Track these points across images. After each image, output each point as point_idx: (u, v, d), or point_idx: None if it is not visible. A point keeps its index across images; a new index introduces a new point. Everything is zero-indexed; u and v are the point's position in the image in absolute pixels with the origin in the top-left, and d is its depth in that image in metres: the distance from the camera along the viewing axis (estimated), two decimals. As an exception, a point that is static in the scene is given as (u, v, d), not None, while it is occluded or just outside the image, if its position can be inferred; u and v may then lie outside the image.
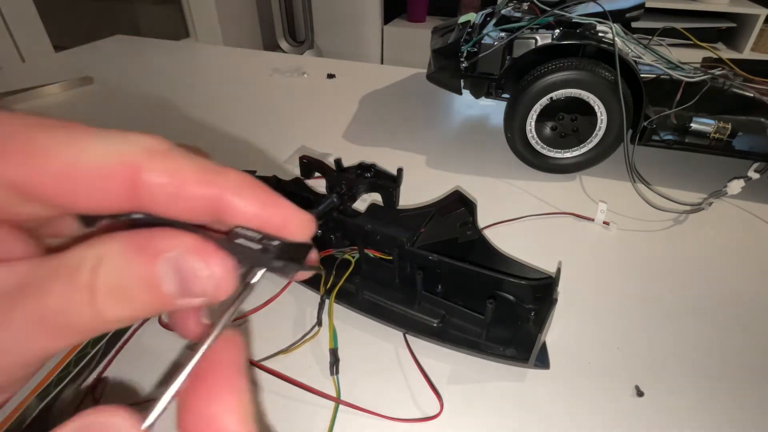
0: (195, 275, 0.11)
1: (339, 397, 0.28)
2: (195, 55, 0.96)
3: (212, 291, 0.11)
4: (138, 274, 0.11)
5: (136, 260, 0.11)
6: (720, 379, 0.29)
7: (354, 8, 1.97)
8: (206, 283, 0.11)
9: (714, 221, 0.44)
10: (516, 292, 0.32)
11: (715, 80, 0.49)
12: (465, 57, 0.50)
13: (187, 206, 0.12)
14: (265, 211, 0.13)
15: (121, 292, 0.10)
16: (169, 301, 0.11)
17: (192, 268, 0.11)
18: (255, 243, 0.12)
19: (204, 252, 0.11)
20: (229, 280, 0.11)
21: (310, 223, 0.13)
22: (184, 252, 0.11)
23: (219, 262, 0.11)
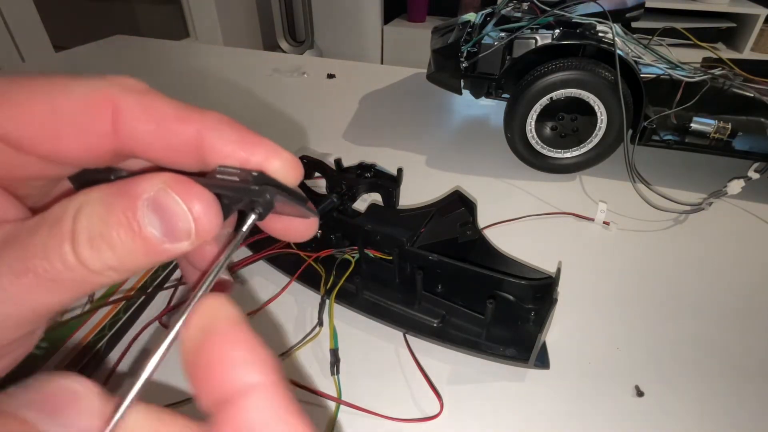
0: (175, 212, 0.10)
1: (340, 398, 0.28)
2: (195, 55, 0.96)
3: (196, 229, 0.11)
4: (117, 218, 0.10)
5: (115, 204, 0.10)
6: (720, 378, 0.30)
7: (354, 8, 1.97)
8: (188, 220, 0.10)
9: (714, 221, 0.44)
10: (516, 292, 0.32)
11: (715, 80, 0.49)
12: (465, 57, 0.50)
13: (168, 145, 0.12)
14: (245, 148, 0.12)
15: (102, 238, 0.10)
16: (154, 246, 0.10)
17: (171, 204, 0.10)
18: (235, 177, 0.12)
19: (181, 186, 0.10)
20: (210, 214, 0.11)
21: (294, 162, 0.13)
22: (161, 189, 0.10)
23: (197, 195, 0.11)
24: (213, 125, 0.12)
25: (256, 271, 0.37)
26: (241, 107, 0.68)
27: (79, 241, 0.10)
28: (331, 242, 0.36)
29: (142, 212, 0.10)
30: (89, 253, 0.10)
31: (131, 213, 0.10)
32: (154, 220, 0.10)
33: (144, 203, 0.10)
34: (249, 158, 0.12)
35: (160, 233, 0.10)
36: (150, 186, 0.10)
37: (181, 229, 0.10)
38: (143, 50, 0.95)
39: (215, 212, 0.11)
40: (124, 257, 0.10)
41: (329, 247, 0.36)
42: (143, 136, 0.12)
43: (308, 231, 0.15)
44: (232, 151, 0.12)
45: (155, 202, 0.10)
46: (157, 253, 0.11)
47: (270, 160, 0.12)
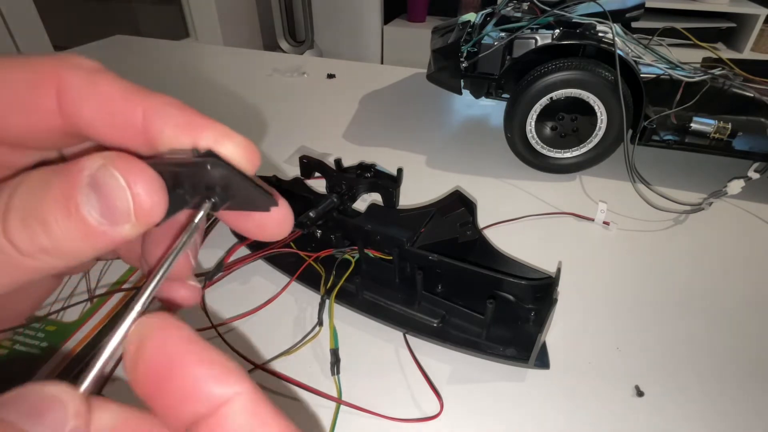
0: (115, 192, 0.10)
1: (340, 398, 0.28)
2: (195, 55, 0.96)
3: (137, 210, 0.10)
4: (54, 196, 0.09)
5: (53, 182, 0.10)
6: (720, 378, 0.30)
7: (354, 8, 1.97)
8: (126, 199, 0.10)
9: (714, 221, 0.44)
10: (516, 292, 0.32)
11: (715, 80, 0.49)
12: (465, 57, 0.50)
13: (114, 125, 0.11)
14: (192, 129, 0.11)
15: (35, 218, 0.09)
16: (92, 228, 0.10)
17: (111, 183, 0.10)
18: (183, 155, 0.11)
19: (124, 163, 0.10)
20: (154, 194, 0.10)
21: (248, 145, 0.12)
22: (101, 166, 0.10)
23: (140, 172, 0.10)
24: (159, 106, 0.12)
25: (256, 271, 0.37)
26: (241, 107, 0.68)
27: (9, 219, 0.09)
28: (331, 242, 0.36)
29: (79, 190, 0.09)
30: (20, 233, 0.09)
31: (68, 190, 0.10)
32: (93, 200, 0.10)
33: (83, 180, 0.10)
34: (196, 141, 0.11)
35: (98, 214, 0.10)
36: (91, 163, 0.10)
37: (120, 209, 0.10)
38: (143, 50, 0.95)
39: (158, 192, 0.10)
40: (58, 240, 0.10)
41: (329, 247, 0.36)
42: (88, 114, 0.11)
43: (282, 226, 0.14)
44: (178, 132, 0.11)
45: (95, 180, 0.10)
46: (96, 236, 0.10)
47: (221, 143, 0.12)
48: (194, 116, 0.12)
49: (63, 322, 0.30)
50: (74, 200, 0.09)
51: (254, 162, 0.12)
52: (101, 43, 0.98)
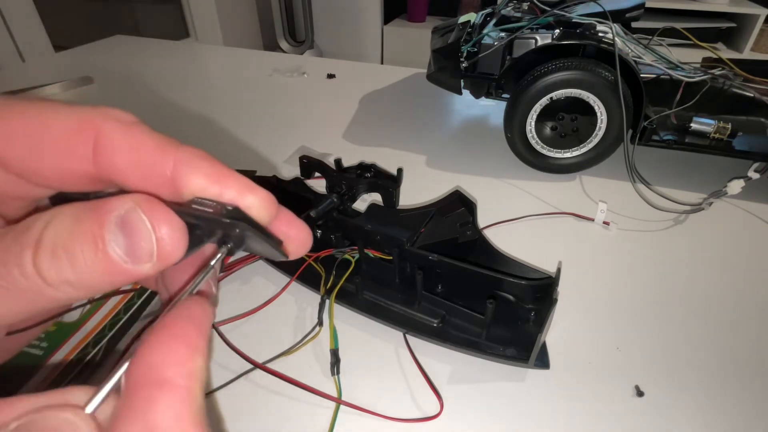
0: (141, 233, 0.10)
1: (340, 398, 0.28)
2: (195, 55, 0.96)
3: (159, 252, 0.11)
4: (83, 232, 0.10)
5: (84, 218, 0.10)
6: (720, 379, 0.30)
7: (354, 8, 1.97)
8: (150, 241, 0.10)
9: (714, 221, 0.44)
10: (516, 292, 0.32)
11: (715, 80, 0.49)
12: (465, 57, 0.50)
13: (145, 175, 0.12)
14: (218, 181, 0.12)
15: (64, 250, 0.10)
16: (115, 265, 0.10)
17: (138, 225, 0.10)
18: (209, 209, 0.12)
19: (151, 207, 0.11)
20: (175, 237, 0.11)
21: (268, 199, 0.13)
22: (131, 209, 0.10)
23: (166, 217, 0.11)
24: (189, 158, 0.12)
25: (256, 271, 0.37)
26: (241, 107, 0.68)
27: (41, 250, 0.10)
28: (331, 242, 0.36)
29: (108, 228, 0.10)
30: (48, 263, 0.10)
31: (98, 228, 0.10)
32: (120, 239, 0.10)
33: (112, 220, 0.10)
34: (222, 192, 0.12)
35: (123, 252, 0.10)
36: (121, 204, 0.10)
37: (144, 248, 0.10)
38: (143, 50, 0.95)
39: (180, 237, 0.11)
40: (82, 273, 0.10)
41: (329, 247, 0.36)
42: (121, 163, 0.12)
43: (303, 249, 0.15)
44: (205, 184, 0.12)
45: (124, 220, 0.10)
46: (117, 273, 0.10)
47: (244, 196, 0.12)
48: (221, 169, 0.13)
49: (63, 322, 0.30)
50: (102, 237, 0.10)
51: (272, 214, 0.13)
52: (101, 43, 0.98)
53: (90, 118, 0.12)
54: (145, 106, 0.69)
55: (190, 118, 0.65)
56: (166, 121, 0.64)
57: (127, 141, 0.12)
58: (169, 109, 0.68)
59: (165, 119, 0.65)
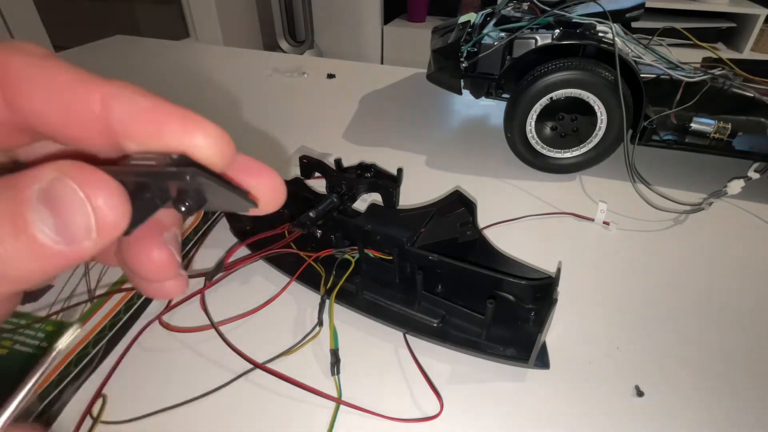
0: (72, 206, 0.09)
1: (340, 398, 0.28)
2: (195, 55, 0.96)
3: (99, 225, 0.09)
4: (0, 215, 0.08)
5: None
6: (720, 379, 0.30)
7: (354, 8, 1.97)
8: (86, 213, 0.09)
9: (714, 221, 0.44)
10: (516, 292, 0.32)
11: (715, 80, 0.49)
12: (465, 57, 0.50)
13: (70, 117, 0.10)
14: (158, 117, 0.10)
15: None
16: (46, 248, 0.08)
17: (67, 196, 0.08)
18: (152, 161, 0.10)
19: (81, 172, 0.09)
20: (117, 205, 0.09)
21: (222, 137, 0.11)
22: (56, 178, 0.08)
23: (99, 182, 0.09)
24: (119, 92, 0.10)
25: (256, 271, 0.37)
26: (241, 107, 0.68)
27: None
28: (331, 242, 0.36)
29: (28, 205, 0.08)
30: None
31: (16, 206, 0.08)
32: (46, 216, 0.08)
33: (33, 194, 0.08)
34: (162, 129, 0.10)
35: (52, 231, 0.08)
36: (42, 175, 0.09)
37: (79, 224, 0.09)
38: (143, 50, 0.95)
39: (120, 203, 0.09)
40: (6, 263, 0.08)
41: (329, 247, 0.36)
42: (39, 103, 0.10)
43: (276, 197, 0.13)
44: (141, 120, 0.10)
45: (48, 193, 0.08)
46: (50, 257, 0.09)
47: (190, 134, 0.10)
48: (159, 103, 0.10)
49: (63, 322, 0.30)
50: (23, 217, 0.08)
51: (229, 156, 0.11)
52: (101, 43, 0.98)
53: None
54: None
55: (190, 118, 0.65)
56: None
57: (42, 75, 0.10)
58: (169, 109, 0.68)
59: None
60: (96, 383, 0.28)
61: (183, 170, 0.10)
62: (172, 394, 0.28)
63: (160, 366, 0.30)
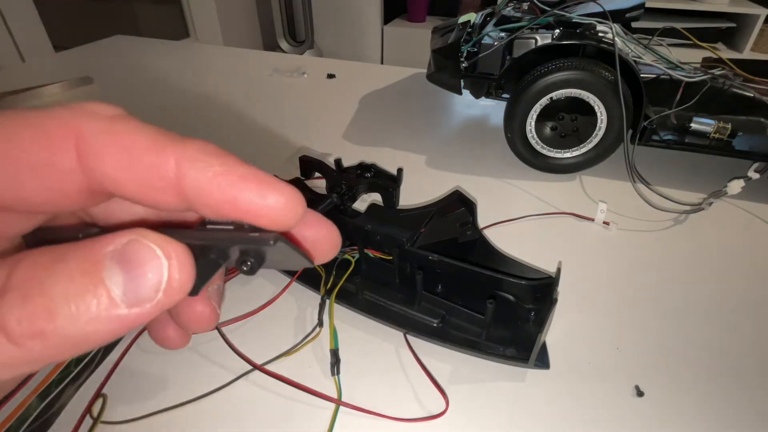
0: (147, 264, 0.09)
1: (340, 398, 0.28)
2: (195, 55, 0.96)
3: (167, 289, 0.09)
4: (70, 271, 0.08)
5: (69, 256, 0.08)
6: (720, 379, 0.30)
7: (354, 8, 1.97)
8: (161, 274, 0.09)
9: (714, 221, 0.44)
10: (516, 292, 0.32)
11: (715, 80, 0.49)
12: (465, 57, 0.50)
13: (143, 180, 0.10)
14: (232, 183, 0.10)
15: (42, 294, 0.08)
16: (113, 310, 0.08)
17: (143, 254, 0.09)
18: (226, 226, 0.10)
19: (155, 236, 0.09)
20: (185, 271, 0.09)
21: (296, 197, 0.11)
22: (132, 240, 0.09)
23: (171, 245, 0.09)
24: (193, 155, 0.10)
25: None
26: (241, 107, 0.68)
27: (7, 295, 0.08)
28: (331, 242, 0.36)
29: (104, 264, 0.08)
30: (18, 312, 0.08)
31: (90, 264, 0.08)
32: (117, 274, 0.08)
33: (107, 255, 0.08)
34: (237, 198, 0.10)
35: (120, 290, 0.08)
36: (117, 238, 0.09)
37: (150, 284, 0.09)
38: (143, 50, 0.95)
39: (189, 264, 0.09)
40: (63, 322, 0.08)
41: (329, 247, 0.36)
42: (113, 170, 0.10)
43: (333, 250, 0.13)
44: (216, 189, 0.10)
45: (121, 254, 0.09)
46: (106, 320, 0.08)
47: (265, 197, 0.10)
48: (234, 165, 0.10)
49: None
50: (98, 274, 0.08)
51: (301, 215, 0.11)
52: (101, 43, 0.98)
53: (63, 120, 0.10)
54: (145, 106, 0.69)
55: (190, 118, 0.65)
56: (166, 121, 0.64)
57: (114, 141, 0.10)
58: (169, 109, 0.68)
59: (165, 119, 0.65)
60: (96, 383, 0.28)
61: (267, 236, 0.10)
62: (172, 394, 0.28)
63: (160, 366, 0.30)
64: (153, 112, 0.67)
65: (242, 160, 0.11)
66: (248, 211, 0.10)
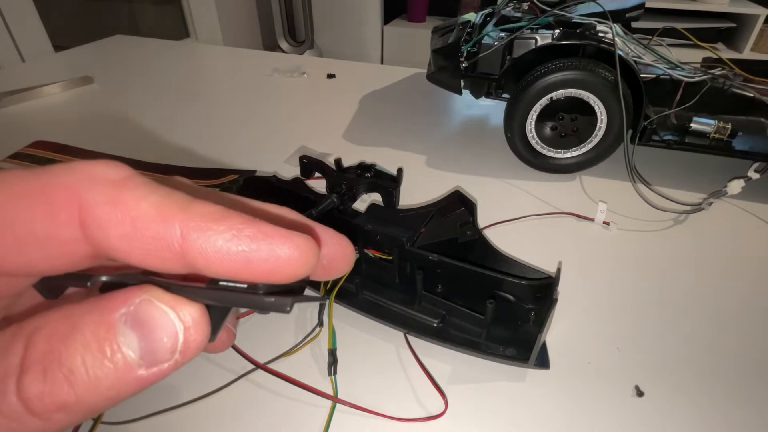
0: (162, 327, 0.08)
1: (336, 396, 0.28)
2: (195, 55, 0.96)
3: (184, 344, 0.09)
4: (85, 338, 0.08)
5: (83, 322, 0.08)
6: (720, 379, 0.30)
7: (354, 8, 1.97)
8: (176, 335, 0.09)
9: (714, 221, 0.44)
10: (516, 292, 0.32)
11: (715, 80, 0.49)
12: (465, 57, 0.50)
13: (148, 251, 0.09)
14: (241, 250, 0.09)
15: (61, 366, 0.08)
16: (125, 372, 0.08)
17: (156, 317, 0.08)
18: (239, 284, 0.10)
19: (168, 296, 0.09)
20: (201, 327, 0.09)
21: (308, 248, 0.10)
22: (144, 300, 0.09)
23: (186, 305, 0.09)
24: (198, 223, 0.09)
25: (256, 271, 0.37)
26: (241, 107, 0.68)
27: (28, 373, 0.08)
28: (331, 242, 0.36)
29: (119, 329, 0.08)
30: (40, 387, 0.08)
31: (104, 330, 0.08)
32: (132, 338, 0.08)
33: (121, 318, 0.08)
34: (249, 257, 0.10)
35: (137, 354, 0.08)
36: (129, 298, 0.09)
37: (165, 345, 0.08)
38: (143, 50, 0.95)
39: (205, 321, 0.09)
40: (86, 391, 0.08)
41: (329, 247, 0.36)
42: (118, 242, 0.09)
43: (348, 263, 0.13)
44: (226, 253, 0.09)
45: (135, 316, 0.08)
46: (126, 383, 0.08)
47: (275, 250, 0.10)
48: (242, 226, 0.10)
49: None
50: (114, 340, 0.08)
51: (315, 262, 0.10)
52: (101, 43, 0.98)
53: (66, 187, 0.09)
54: (145, 106, 0.69)
55: (191, 118, 0.65)
56: (166, 121, 0.64)
57: (118, 212, 0.09)
58: (170, 109, 0.68)
59: (165, 119, 0.65)
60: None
61: (283, 302, 0.10)
62: (172, 394, 0.28)
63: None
64: (153, 112, 0.67)
65: (248, 217, 0.10)
66: (261, 272, 0.10)
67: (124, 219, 0.09)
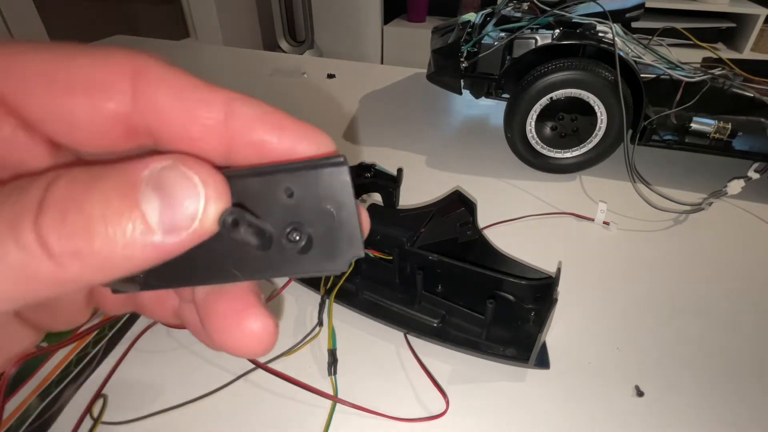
0: (185, 192, 0.08)
1: (336, 395, 0.28)
2: (195, 55, 0.96)
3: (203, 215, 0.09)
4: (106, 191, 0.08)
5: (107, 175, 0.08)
6: (720, 378, 0.30)
7: (354, 8, 1.97)
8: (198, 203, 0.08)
9: (714, 221, 0.44)
10: (516, 292, 0.32)
11: (715, 80, 0.49)
12: (465, 57, 0.50)
13: (193, 118, 0.10)
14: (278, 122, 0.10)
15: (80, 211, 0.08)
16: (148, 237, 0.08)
17: (181, 182, 0.08)
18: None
19: (194, 162, 0.09)
20: (223, 195, 0.09)
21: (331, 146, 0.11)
22: (169, 166, 0.09)
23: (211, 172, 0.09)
24: (244, 99, 0.11)
25: (256, 271, 0.37)
26: (241, 107, 0.68)
27: (47, 211, 0.08)
28: (331, 242, 0.36)
29: (141, 186, 0.08)
30: (58, 229, 0.08)
31: (129, 188, 0.08)
32: (154, 201, 0.08)
33: (144, 179, 0.08)
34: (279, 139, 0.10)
35: (156, 216, 0.08)
36: (154, 162, 0.09)
37: (186, 211, 0.08)
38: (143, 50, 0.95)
39: (227, 193, 0.09)
40: (101, 242, 0.08)
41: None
42: (166, 105, 0.10)
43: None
44: (265, 124, 0.10)
45: (158, 179, 0.08)
46: (141, 247, 0.08)
47: (302, 143, 0.11)
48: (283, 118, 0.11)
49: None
50: (135, 198, 0.08)
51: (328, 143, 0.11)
52: (101, 43, 0.98)
53: (125, 55, 0.10)
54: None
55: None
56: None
57: (172, 80, 0.10)
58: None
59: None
60: (96, 383, 0.28)
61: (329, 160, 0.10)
62: (172, 394, 0.28)
63: (160, 366, 0.30)
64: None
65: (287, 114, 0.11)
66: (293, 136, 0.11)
67: (175, 81, 0.10)
